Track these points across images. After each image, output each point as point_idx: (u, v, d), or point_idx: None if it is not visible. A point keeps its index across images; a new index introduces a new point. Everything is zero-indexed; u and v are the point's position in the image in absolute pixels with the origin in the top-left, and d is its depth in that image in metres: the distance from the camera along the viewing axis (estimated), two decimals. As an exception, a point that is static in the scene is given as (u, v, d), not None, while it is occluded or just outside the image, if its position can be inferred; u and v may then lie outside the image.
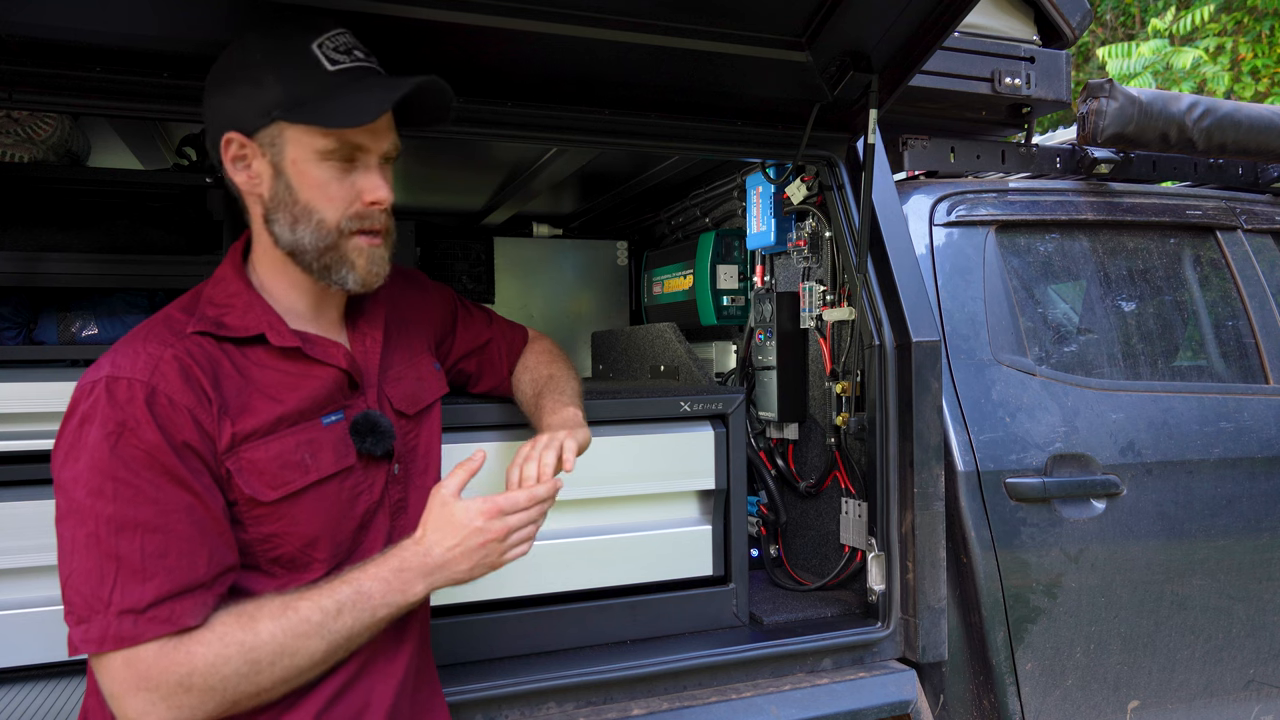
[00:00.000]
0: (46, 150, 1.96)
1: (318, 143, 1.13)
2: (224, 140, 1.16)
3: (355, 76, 1.15)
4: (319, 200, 1.15)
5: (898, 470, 1.86)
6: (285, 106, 1.12)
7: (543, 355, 1.67)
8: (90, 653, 0.99)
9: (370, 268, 1.20)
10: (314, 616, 1.06)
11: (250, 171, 1.17)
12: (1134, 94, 2.41)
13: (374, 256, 1.20)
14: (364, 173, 1.17)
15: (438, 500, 1.18)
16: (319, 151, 1.13)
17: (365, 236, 1.19)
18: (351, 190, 1.16)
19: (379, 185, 1.18)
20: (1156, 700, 2.17)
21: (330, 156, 1.14)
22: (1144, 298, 2.46)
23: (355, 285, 1.19)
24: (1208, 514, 2.20)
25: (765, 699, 1.69)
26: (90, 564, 0.99)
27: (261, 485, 1.11)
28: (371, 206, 1.18)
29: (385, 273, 1.23)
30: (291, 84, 1.12)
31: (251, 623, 1.04)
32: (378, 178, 1.18)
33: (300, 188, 1.15)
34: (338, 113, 1.11)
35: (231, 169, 1.18)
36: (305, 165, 1.14)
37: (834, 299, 2.10)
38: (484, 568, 1.18)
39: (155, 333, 1.11)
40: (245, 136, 1.15)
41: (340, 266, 1.18)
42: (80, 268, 1.83)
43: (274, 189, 1.16)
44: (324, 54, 1.14)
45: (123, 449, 1.01)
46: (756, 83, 1.79)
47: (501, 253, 3.33)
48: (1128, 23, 9.45)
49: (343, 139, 1.13)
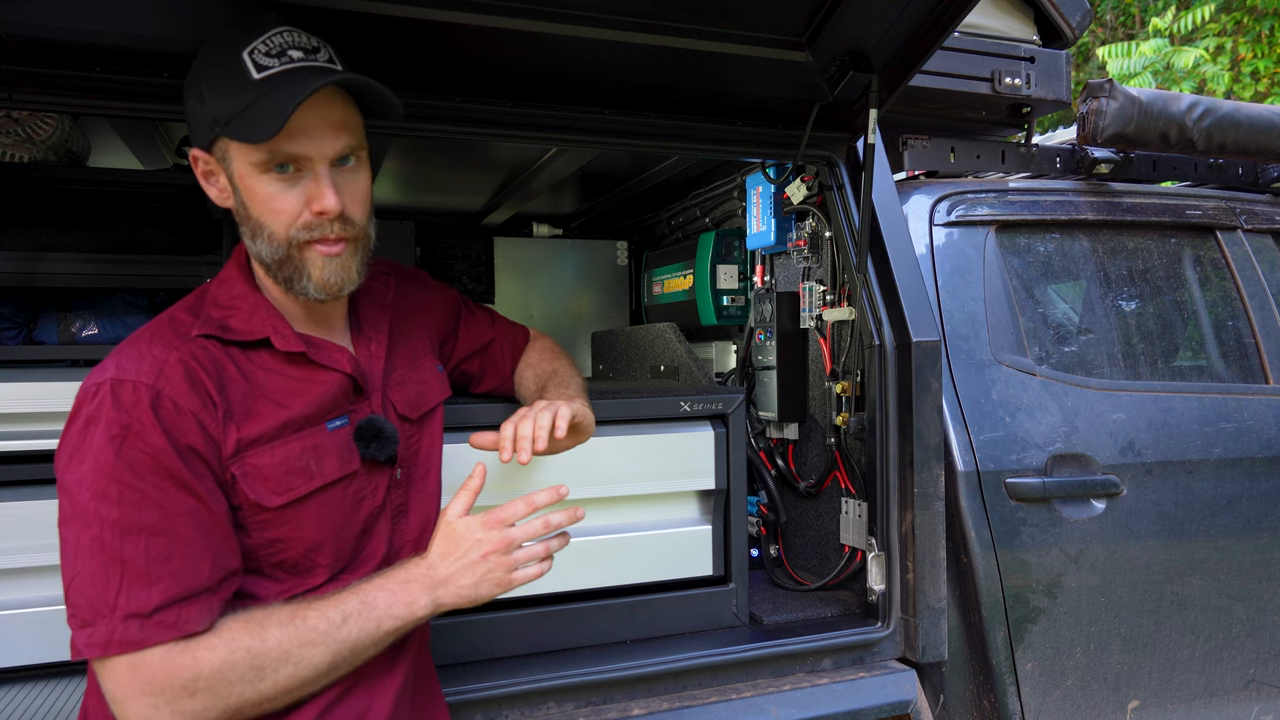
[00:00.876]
0: (46, 150, 1.96)
1: (250, 156, 1.10)
2: (191, 157, 1.16)
3: (285, 81, 1.08)
4: (265, 214, 1.12)
5: (898, 470, 1.86)
6: (221, 121, 1.09)
7: (545, 353, 1.68)
8: (95, 657, 0.99)
9: (328, 277, 1.15)
10: (320, 625, 1.07)
11: (218, 186, 1.17)
12: (1134, 94, 2.41)
13: (333, 265, 1.15)
14: (311, 181, 1.12)
15: (444, 521, 1.20)
16: (254, 164, 1.10)
17: (321, 245, 1.14)
18: (300, 200, 1.12)
19: (324, 193, 1.11)
20: (1156, 700, 2.17)
21: (267, 168, 1.10)
22: (1144, 298, 2.46)
23: (317, 294, 1.16)
24: (1208, 514, 2.20)
25: (765, 699, 1.69)
26: (95, 567, 0.99)
27: (266, 491, 1.11)
28: (319, 216, 1.12)
29: (351, 279, 1.18)
30: (222, 97, 1.09)
31: (260, 629, 1.04)
32: (324, 185, 1.11)
33: (250, 202, 1.13)
34: (255, 124, 1.06)
35: (204, 184, 1.18)
36: (249, 179, 1.12)
37: (834, 299, 2.10)
38: (490, 584, 1.18)
39: (160, 335, 1.11)
40: (204, 152, 1.15)
41: (299, 277, 1.15)
42: (80, 268, 1.83)
43: (235, 203, 1.16)
44: (253, 60, 1.08)
45: (128, 452, 1.01)
46: (756, 83, 1.79)
47: (501, 253, 3.33)
48: (1128, 23, 9.45)
49: (273, 150, 1.09)
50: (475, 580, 1.17)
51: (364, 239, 1.19)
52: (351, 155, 1.16)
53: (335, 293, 1.17)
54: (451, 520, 1.20)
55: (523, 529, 1.20)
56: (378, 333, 1.31)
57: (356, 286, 1.20)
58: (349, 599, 1.10)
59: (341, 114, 1.13)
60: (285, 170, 1.11)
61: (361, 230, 1.18)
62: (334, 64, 1.14)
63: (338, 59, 1.15)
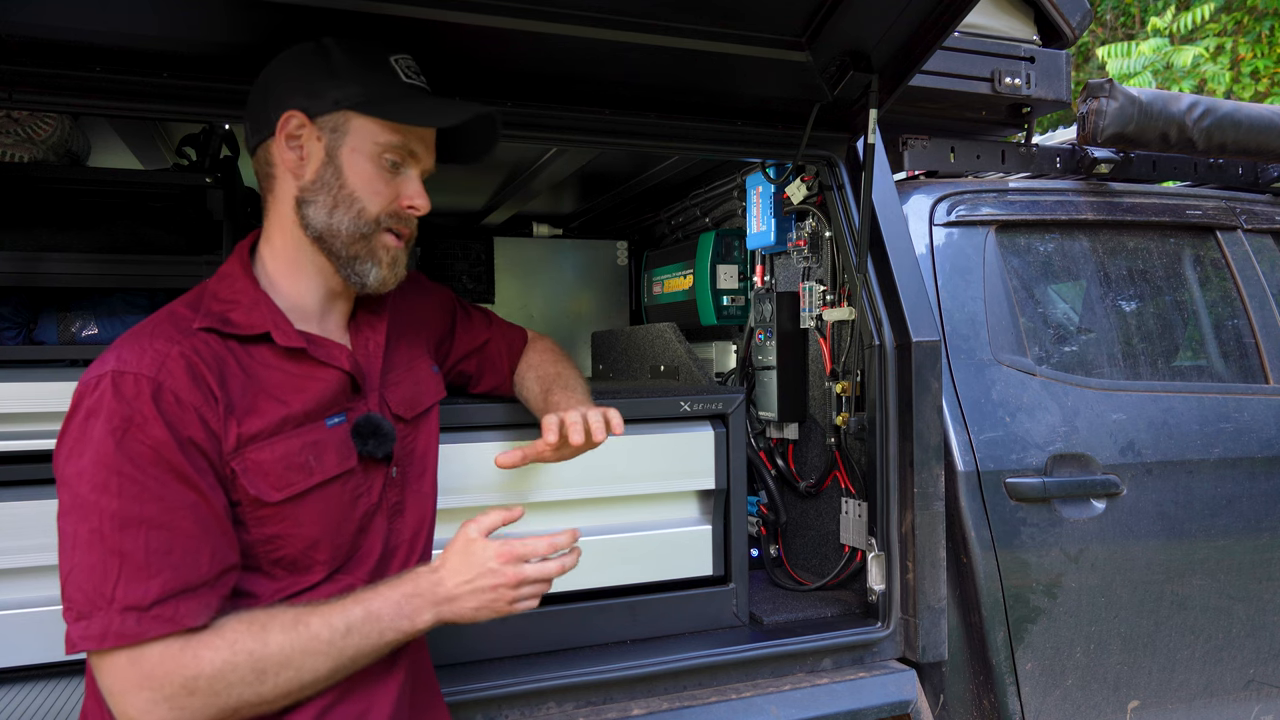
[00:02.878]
0: (46, 150, 1.96)
1: (381, 136, 1.20)
2: (284, 116, 1.19)
3: (427, 95, 1.27)
4: (365, 190, 1.20)
5: (898, 470, 1.86)
6: (359, 100, 1.19)
7: (546, 354, 1.68)
8: (91, 649, 0.99)
9: (393, 268, 1.25)
10: (323, 634, 1.07)
11: (302, 151, 1.20)
12: (1134, 94, 2.41)
13: (397, 258, 1.26)
14: (407, 180, 1.25)
15: (464, 536, 1.20)
16: (380, 144, 1.20)
17: (394, 236, 1.24)
18: (393, 191, 1.23)
19: (420, 193, 1.25)
20: (1156, 700, 2.17)
21: (388, 152, 1.21)
22: (1144, 298, 2.46)
23: (375, 283, 1.24)
24: (1208, 514, 2.20)
25: (765, 699, 1.69)
26: (93, 560, 0.99)
27: (266, 486, 1.11)
28: (409, 210, 1.24)
29: (401, 277, 1.28)
30: (369, 84, 1.21)
31: (263, 632, 1.04)
32: (419, 186, 1.26)
33: (350, 175, 1.20)
34: (412, 113, 1.21)
35: (282, 145, 1.20)
36: (361, 157, 1.20)
37: (834, 299, 2.10)
38: (490, 611, 1.19)
39: (161, 329, 1.11)
40: (307, 117, 1.19)
41: (366, 259, 1.22)
42: (80, 268, 1.83)
43: (320, 172, 1.20)
44: (400, 68, 1.24)
45: (129, 444, 1.01)
46: (756, 83, 1.79)
47: (501, 253, 3.33)
48: (1127, 22, 9.45)
49: (406, 139, 1.22)
50: (478, 605, 1.17)
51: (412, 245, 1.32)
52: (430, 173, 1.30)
53: (389, 286, 1.26)
54: (473, 538, 1.19)
55: (536, 570, 1.20)
56: (375, 332, 1.31)
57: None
58: (353, 608, 1.10)
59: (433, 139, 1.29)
60: (392, 164, 1.22)
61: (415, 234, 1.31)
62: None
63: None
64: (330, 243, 1.20)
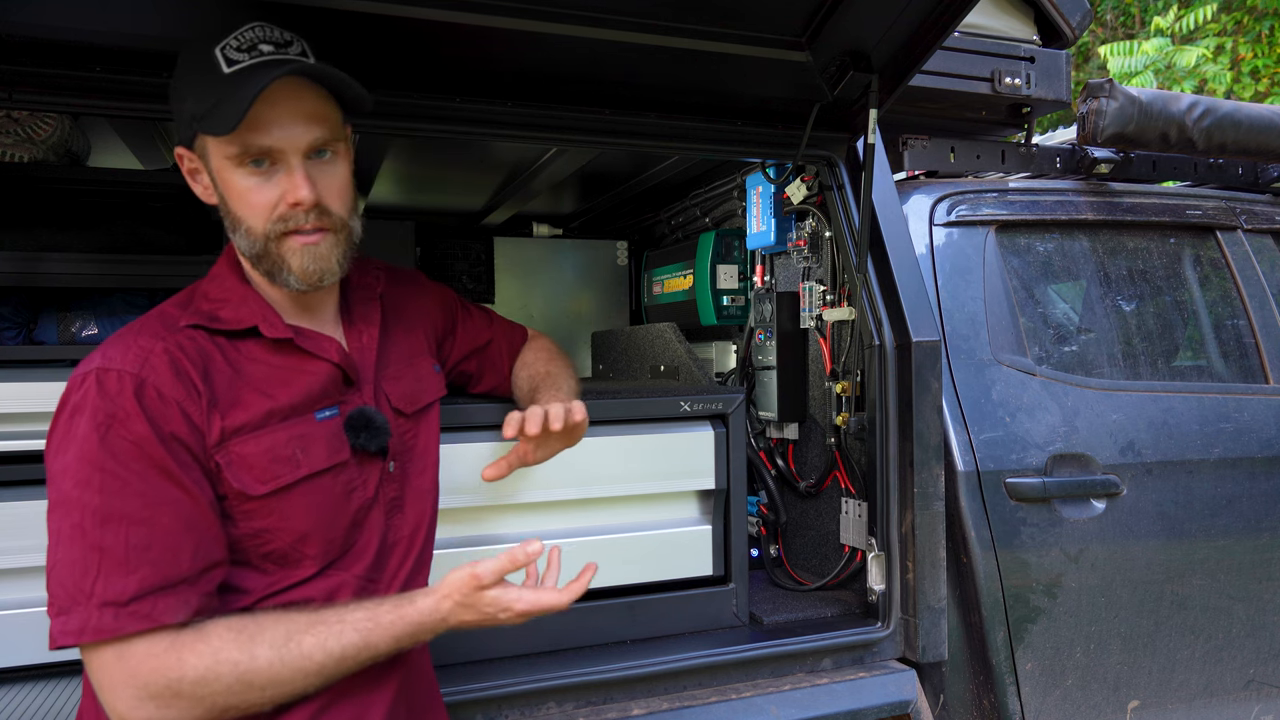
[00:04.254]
0: (46, 150, 1.96)
1: (224, 150, 1.11)
2: (176, 155, 1.18)
3: (252, 74, 1.08)
4: (243, 208, 1.13)
5: (898, 470, 1.86)
6: (197, 117, 1.10)
7: (541, 353, 1.67)
8: (69, 644, 0.99)
9: (307, 265, 1.15)
10: (316, 656, 1.05)
11: (202, 183, 1.18)
12: (1134, 94, 2.41)
13: (310, 254, 1.15)
14: (285, 174, 1.12)
15: (473, 580, 1.14)
16: (229, 158, 1.11)
17: (298, 236, 1.14)
18: (275, 194, 1.12)
19: (297, 184, 1.11)
20: (1156, 700, 2.17)
21: (242, 162, 1.11)
22: (1144, 298, 2.46)
23: (297, 284, 1.16)
24: (1208, 514, 2.20)
25: (765, 699, 1.69)
26: (74, 555, 0.99)
27: (251, 479, 1.10)
28: (294, 208, 1.12)
29: (331, 270, 1.18)
30: (197, 93, 1.10)
31: (250, 644, 1.03)
32: (297, 176, 1.11)
33: (228, 197, 1.14)
34: (222, 117, 1.06)
35: (191, 182, 1.19)
36: (225, 174, 1.13)
37: (834, 299, 2.10)
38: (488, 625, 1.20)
39: (148, 327, 1.12)
40: (188, 150, 1.17)
41: (279, 269, 1.15)
42: (80, 268, 1.83)
43: (218, 198, 1.17)
44: (224, 56, 1.09)
45: (112, 440, 1.01)
46: (756, 83, 1.79)
47: (501, 253, 3.33)
48: (1128, 22, 9.45)
49: (245, 143, 1.09)
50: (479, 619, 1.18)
51: (345, 231, 1.19)
52: (327, 149, 1.15)
53: (315, 282, 1.17)
54: (485, 583, 1.15)
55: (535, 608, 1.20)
56: (369, 325, 1.31)
57: (339, 277, 1.20)
58: (349, 634, 1.08)
59: (312, 106, 1.13)
60: (261, 165, 1.11)
61: (341, 222, 1.18)
62: (306, 57, 1.13)
63: (311, 53, 1.15)
64: (250, 261, 1.18)
